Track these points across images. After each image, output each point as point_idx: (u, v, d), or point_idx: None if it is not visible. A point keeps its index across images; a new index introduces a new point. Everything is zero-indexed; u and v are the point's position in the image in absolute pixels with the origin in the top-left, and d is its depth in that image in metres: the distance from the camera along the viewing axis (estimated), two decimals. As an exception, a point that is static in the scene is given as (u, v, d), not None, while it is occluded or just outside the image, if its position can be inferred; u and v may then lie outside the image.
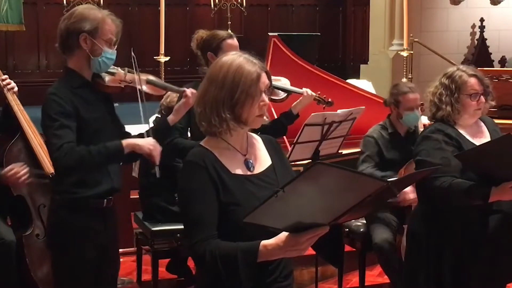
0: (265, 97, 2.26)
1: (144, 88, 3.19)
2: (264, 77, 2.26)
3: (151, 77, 3.26)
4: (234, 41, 3.82)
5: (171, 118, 3.24)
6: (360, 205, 1.96)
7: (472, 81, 3.31)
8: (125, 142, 3.00)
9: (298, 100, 4.08)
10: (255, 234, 2.10)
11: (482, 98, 3.31)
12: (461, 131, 3.31)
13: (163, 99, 4.77)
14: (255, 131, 2.41)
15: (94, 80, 3.10)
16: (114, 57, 3.06)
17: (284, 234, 2.07)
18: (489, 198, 3.03)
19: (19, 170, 3.63)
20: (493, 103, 3.41)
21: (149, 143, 3.03)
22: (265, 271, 2.24)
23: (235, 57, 2.26)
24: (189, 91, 3.24)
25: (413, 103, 4.43)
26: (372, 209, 2.27)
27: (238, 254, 2.10)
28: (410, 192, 4.11)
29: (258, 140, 2.41)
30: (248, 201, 2.12)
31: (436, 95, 3.35)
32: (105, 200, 3.10)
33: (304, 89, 4.11)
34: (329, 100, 4.29)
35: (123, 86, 3.15)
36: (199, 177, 2.21)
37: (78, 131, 2.95)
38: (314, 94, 4.14)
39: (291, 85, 4.17)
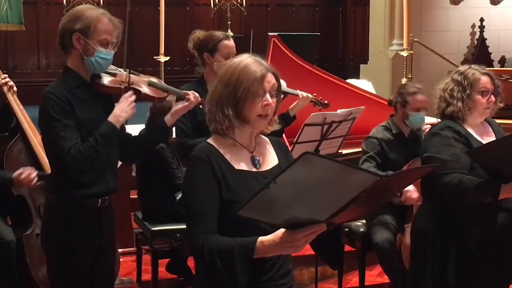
0: (268, 97, 2.28)
1: (146, 90, 3.18)
2: (269, 77, 2.29)
3: (153, 79, 3.25)
4: (231, 42, 3.82)
5: (168, 119, 3.23)
6: (355, 201, 1.95)
7: (485, 79, 3.35)
8: (114, 121, 3.01)
9: (295, 103, 4.08)
10: (255, 231, 2.12)
11: (493, 97, 3.34)
12: (469, 130, 3.32)
13: (152, 106, 4.76)
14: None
15: (93, 80, 3.08)
16: (109, 57, 3.03)
17: (281, 231, 2.08)
18: (499, 195, 3.04)
19: (31, 172, 3.59)
20: (502, 104, 3.44)
21: (125, 106, 3.05)
22: (261, 269, 2.25)
23: (243, 58, 2.33)
24: (192, 95, 3.23)
25: (421, 104, 4.41)
26: (370, 208, 2.26)
27: (235, 248, 2.12)
28: (414, 191, 4.09)
29: (267, 141, 2.45)
30: None
31: (447, 91, 3.37)
32: (100, 199, 3.09)
33: (299, 92, 4.10)
34: (325, 102, 4.30)
35: (123, 88, 3.13)
36: (203, 172, 2.25)
37: None
38: (310, 96, 4.14)
39: (291, 85, 4.17)
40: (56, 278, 3.13)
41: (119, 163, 3.31)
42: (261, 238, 2.11)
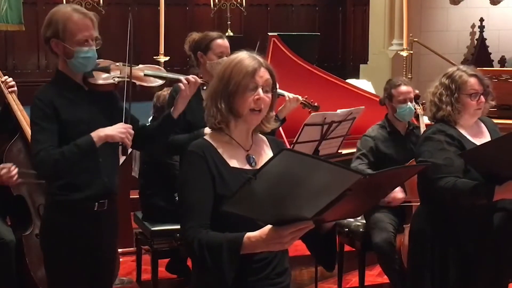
0: (260, 92, 2.28)
1: (141, 81, 3.15)
2: (262, 72, 2.30)
3: (148, 71, 3.22)
4: (224, 42, 3.82)
5: (174, 111, 3.19)
6: (341, 200, 1.93)
7: (472, 81, 3.32)
8: (96, 136, 2.91)
9: (283, 105, 4.06)
10: (247, 227, 2.12)
11: (482, 98, 3.32)
12: (462, 132, 3.31)
13: (155, 100, 4.77)
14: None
15: (86, 80, 3.03)
16: (90, 54, 2.95)
17: (268, 227, 2.08)
18: (493, 197, 3.03)
19: (11, 169, 3.60)
20: (493, 103, 3.42)
21: (119, 131, 2.94)
22: (255, 267, 2.26)
23: (240, 53, 2.34)
24: (185, 81, 3.17)
25: (406, 95, 4.43)
26: (364, 206, 2.25)
27: (223, 243, 2.13)
28: (399, 191, 4.13)
29: (265, 141, 2.46)
30: None
31: (436, 95, 3.36)
32: (96, 203, 3.03)
33: (287, 93, 4.08)
34: (315, 104, 4.29)
35: (116, 83, 3.07)
36: (197, 166, 2.26)
37: (61, 134, 2.92)
38: (300, 98, 4.12)
39: (291, 85, 4.16)
40: (53, 279, 3.11)
41: (120, 162, 3.28)
42: (248, 234, 2.11)
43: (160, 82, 3.24)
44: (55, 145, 2.88)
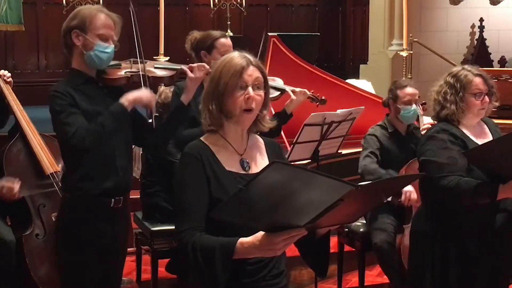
0: (250, 90, 2.27)
1: (153, 73, 3.23)
2: (251, 71, 2.28)
3: (158, 64, 3.30)
4: (228, 41, 3.83)
5: (183, 97, 3.25)
6: (333, 209, 1.93)
7: (477, 80, 3.33)
8: (125, 100, 3.03)
9: (290, 100, 4.06)
10: (242, 231, 2.11)
11: (486, 98, 3.33)
12: (465, 131, 3.32)
13: (156, 97, 4.77)
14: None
15: (100, 76, 3.11)
16: (109, 50, 3.03)
17: (261, 233, 2.07)
18: (497, 196, 3.03)
19: (12, 186, 3.70)
20: (497, 103, 3.43)
21: (145, 94, 3.09)
22: (251, 269, 2.26)
23: (232, 53, 2.34)
24: (191, 66, 3.25)
25: (411, 96, 4.44)
26: (359, 212, 2.25)
27: (216, 248, 2.12)
28: (413, 192, 4.11)
29: (261, 143, 2.44)
30: None
31: (440, 93, 3.37)
32: (113, 200, 3.08)
33: (295, 88, 4.08)
34: (323, 98, 4.29)
35: (129, 76, 3.15)
36: (193, 169, 2.26)
37: None
38: (308, 92, 4.13)
39: (290, 85, 4.16)
40: (67, 278, 3.13)
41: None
42: (241, 239, 2.11)
43: (169, 73, 3.32)
44: (86, 122, 2.94)
